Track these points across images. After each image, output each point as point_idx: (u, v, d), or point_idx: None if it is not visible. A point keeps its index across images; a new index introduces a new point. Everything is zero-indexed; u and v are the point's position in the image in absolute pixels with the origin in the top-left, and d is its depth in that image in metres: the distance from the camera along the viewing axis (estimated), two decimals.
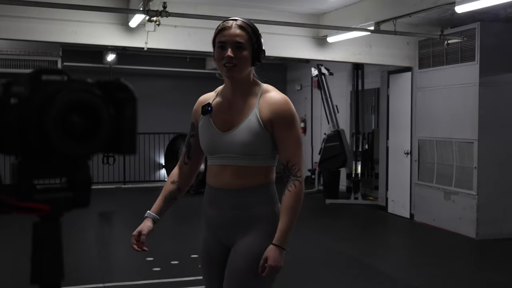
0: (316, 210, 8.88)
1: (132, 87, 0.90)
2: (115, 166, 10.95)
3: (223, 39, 2.15)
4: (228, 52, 2.13)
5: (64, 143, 0.82)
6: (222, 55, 2.15)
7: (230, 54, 2.12)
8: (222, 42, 2.15)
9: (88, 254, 5.86)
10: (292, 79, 12.91)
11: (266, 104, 2.21)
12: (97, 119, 0.84)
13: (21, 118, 0.80)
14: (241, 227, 2.20)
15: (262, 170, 2.21)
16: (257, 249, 2.15)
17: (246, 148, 2.16)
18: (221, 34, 2.16)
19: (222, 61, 2.15)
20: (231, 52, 2.13)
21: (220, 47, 2.15)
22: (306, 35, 7.52)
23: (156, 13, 5.59)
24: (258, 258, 2.12)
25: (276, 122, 2.18)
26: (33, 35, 6.39)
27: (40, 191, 0.86)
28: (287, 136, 2.19)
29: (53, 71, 0.85)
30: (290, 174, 2.19)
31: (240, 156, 2.17)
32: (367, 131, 9.77)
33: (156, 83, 11.63)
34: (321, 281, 5.06)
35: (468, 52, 6.82)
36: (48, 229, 0.87)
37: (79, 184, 0.89)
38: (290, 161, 2.19)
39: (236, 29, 2.15)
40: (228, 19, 2.22)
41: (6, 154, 0.83)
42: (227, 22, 2.18)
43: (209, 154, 2.26)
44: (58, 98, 0.81)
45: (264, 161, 2.20)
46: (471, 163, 6.81)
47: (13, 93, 0.80)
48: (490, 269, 5.61)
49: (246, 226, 2.20)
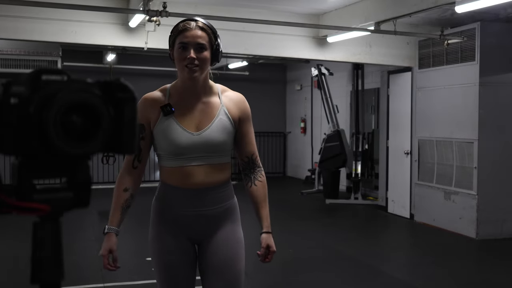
0: (316, 210, 8.89)
1: (132, 87, 0.90)
2: (115, 166, 10.96)
3: (185, 40, 2.18)
4: (191, 53, 2.17)
5: (64, 143, 0.82)
6: (184, 56, 2.18)
7: (193, 55, 2.17)
8: (184, 43, 2.18)
9: (88, 254, 5.85)
10: (292, 79, 12.92)
11: (231, 102, 2.29)
12: (97, 119, 0.84)
13: (21, 118, 0.80)
14: (217, 220, 2.28)
15: (228, 165, 2.32)
16: (239, 236, 2.33)
17: (220, 147, 2.24)
18: (183, 35, 2.19)
19: (183, 61, 2.18)
20: (193, 53, 2.17)
21: (182, 48, 2.19)
22: (306, 35, 7.52)
23: (156, 13, 5.59)
24: (242, 244, 2.32)
25: (242, 118, 2.30)
26: (33, 35, 6.39)
27: (40, 191, 0.86)
28: (250, 131, 2.34)
29: (53, 71, 0.85)
30: (255, 166, 2.36)
31: (212, 155, 2.23)
32: (367, 131, 9.78)
33: (156, 83, 11.52)
34: (321, 281, 5.06)
35: (468, 52, 6.82)
36: (48, 229, 0.87)
37: (79, 184, 0.89)
38: (254, 154, 2.36)
39: (198, 30, 2.19)
40: (188, 19, 2.24)
41: (6, 154, 0.83)
42: (188, 23, 2.21)
43: (174, 155, 2.23)
44: (58, 98, 0.81)
45: (228, 157, 2.32)
46: (471, 163, 6.81)
47: (13, 93, 0.80)
48: (490, 269, 5.61)
49: (222, 218, 2.29)
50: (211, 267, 2.28)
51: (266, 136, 12.63)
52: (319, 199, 9.53)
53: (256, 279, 5.13)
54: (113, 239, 2.25)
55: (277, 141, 12.92)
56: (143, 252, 5.99)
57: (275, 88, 12.86)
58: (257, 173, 2.35)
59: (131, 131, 0.89)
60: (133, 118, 0.88)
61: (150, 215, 2.37)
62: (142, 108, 2.25)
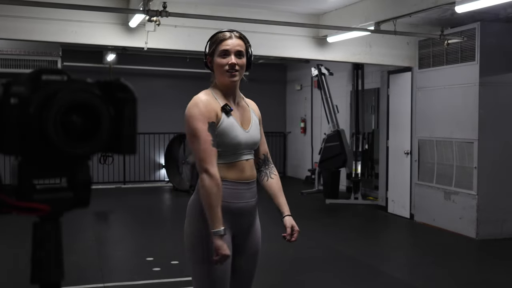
0: (316, 210, 8.89)
1: (132, 87, 0.90)
2: (115, 166, 10.96)
3: (227, 47, 2.41)
4: (232, 59, 2.40)
5: (64, 143, 0.82)
6: (225, 61, 2.40)
7: (234, 61, 2.40)
8: (226, 50, 2.41)
9: (88, 254, 5.86)
10: (292, 79, 12.92)
11: (252, 106, 2.64)
12: (97, 119, 0.84)
13: (21, 118, 0.80)
14: (254, 213, 2.57)
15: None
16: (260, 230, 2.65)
17: (257, 144, 2.57)
18: (224, 44, 2.41)
19: (225, 67, 2.40)
20: (234, 59, 2.40)
21: (224, 54, 2.41)
22: (306, 35, 7.52)
23: (156, 13, 5.59)
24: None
25: (260, 121, 2.64)
26: (33, 35, 6.39)
27: (40, 191, 0.86)
28: (263, 133, 2.68)
29: (53, 71, 0.85)
30: (269, 162, 2.69)
31: (252, 151, 2.54)
32: (367, 131, 9.77)
33: (156, 83, 11.63)
34: (321, 281, 5.06)
35: (468, 52, 6.82)
36: (48, 229, 0.87)
37: (79, 184, 0.89)
38: (268, 152, 2.71)
39: (237, 39, 2.44)
40: (225, 30, 2.47)
41: (6, 154, 0.83)
42: (227, 33, 2.44)
43: (233, 150, 2.44)
44: (58, 98, 0.81)
45: None
46: (471, 163, 6.81)
47: (13, 93, 0.80)
48: (490, 269, 5.61)
49: (256, 211, 2.60)
50: (251, 254, 2.57)
51: (266, 136, 12.50)
52: (319, 199, 9.53)
53: (257, 279, 5.13)
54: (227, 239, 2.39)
55: (277, 141, 12.92)
56: (143, 252, 6.00)
57: (275, 88, 12.86)
58: (271, 168, 2.68)
59: (131, 131, 0.89)
60: (133, 118, 0.89)
61: (193, 211, 2.44)
62: (208, 108, 2.39)
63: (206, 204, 2.31)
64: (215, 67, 2.44)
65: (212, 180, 2.29)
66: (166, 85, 11.82)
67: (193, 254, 2.43)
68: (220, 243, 2.28)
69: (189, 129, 2.36)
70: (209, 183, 2.29)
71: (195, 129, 2.33)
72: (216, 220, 2.29)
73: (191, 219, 2.46)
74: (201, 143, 2.32)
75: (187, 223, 2.48)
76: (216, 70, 2.44)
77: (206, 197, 2.30)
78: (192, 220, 2.46)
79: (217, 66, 2.43)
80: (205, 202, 2.31)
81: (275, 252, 5.50)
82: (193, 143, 2.35)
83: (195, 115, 2.35)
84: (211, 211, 2.29)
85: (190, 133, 2.37)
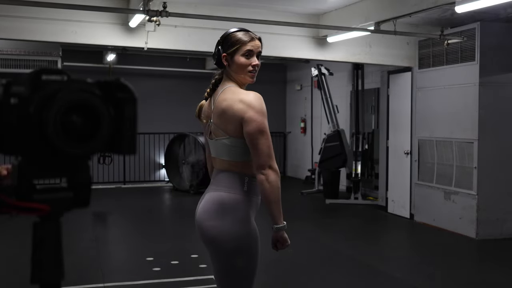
0: (316, 210, 8.89)
1: (132, 87, 0.90)
2: (115, 166, 10.97)
3: (251, 48, 2.48)
4: (256, 60, 2.49)
5: (64, 143, 0.82)
6: (249, 62, 2.48)
7: (257, 62, 2.50)
8: (250, 51, 2.48)
9: (88, 254, 5.86)
10: (292, 79, 12.91)
11: None
12: (97, 119, 0.84)
13: (21, 118, 0.80)
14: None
15: None
16: None
17: None
18: (250, 44, 2.48)
19: (248, 67, 2.48)
20: (257, 60, 2.50)
21: (247, 55, 2.47)
22: (306, 35, 7.52)
23: (156, 13, 5.59)
24: None
25: None
26: (33, 35, 6.39)
27: (40, 191, 0.86)
28: None
29: (53, 71, 0.85)
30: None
31: None
32: (367, 131, 9.77)
33: (156, 83, 11.63)
34: (321, 281, 5.06)
35: (468, 52, 6.82)
36: (48, 229, 0.87)
37: (79, 184, 0.89)
38: None
39: (258, 41, 2.53)
40: (243, 30, 2.53)
41: (6, 154, 0.83)
42: (249, 33, 2.52)
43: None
44: (58, 98, 0.81)
45: None
46: (471, 163, 6.81)
47: (13, 93, 0.80)
48: (490, 269, 5.61)
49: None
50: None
51: None
52: (319, 199, 9.52)
53: (256, 279, 5.13)
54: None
55: (277, 141, 12.92)
56: (143, 252, 5.99)
57: (275, 88, 12.85)
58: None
59: (131, 131, 0.89)
60: (133, 118, 0.89)
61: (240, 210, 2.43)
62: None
63: (273, 198, 2.38)
64: (237, 66, 2.47)
65: (277, 175, 2.40)
66: (166, 85, 11.82)
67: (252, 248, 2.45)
68: (286, 235, 2.47)
69: (258, 124, 2.36)
70: (276, 178, 2.38)
71: (265, 125, 2.38)
72: (281, 214, 2.43)
73: (241, 218, 2.42)
74: (269, 139, 2.39)
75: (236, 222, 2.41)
76: (237, 69, 2.47)
77: (273, 192, 2.38)
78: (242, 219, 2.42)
79: (239, 65, 2.46)
80: (272, 197, 2.38)
81: (275, 252, 5.49)
82: (259, 139, 2.36)
83: (265, 111, 2.40)
84: (278, 206, 2.40)
85: (258, 128, 2.36)
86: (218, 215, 2.41)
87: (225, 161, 2.47)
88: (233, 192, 2.42)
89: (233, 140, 2.42)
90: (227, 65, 2.48)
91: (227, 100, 2.42)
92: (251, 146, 2.38)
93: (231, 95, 2.43)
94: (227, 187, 2.43)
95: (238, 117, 2.37)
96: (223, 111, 2.42)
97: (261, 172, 2.37)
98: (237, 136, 2.41)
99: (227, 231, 2.39)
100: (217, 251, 2.44)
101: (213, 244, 2.44)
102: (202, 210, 2.47)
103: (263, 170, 2.36)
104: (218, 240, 2.40)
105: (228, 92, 2.45)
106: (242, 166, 2.45)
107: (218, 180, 2.48)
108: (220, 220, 2.40)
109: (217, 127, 2.47)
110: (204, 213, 2.45)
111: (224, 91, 2.47)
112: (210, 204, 2.44)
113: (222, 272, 2.48)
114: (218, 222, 2.40)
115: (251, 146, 2.38)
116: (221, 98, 2.45)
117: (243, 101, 2.39)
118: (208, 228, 2.42)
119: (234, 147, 2.43)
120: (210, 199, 2.46)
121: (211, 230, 2.41)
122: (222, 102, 2.44)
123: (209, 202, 2.45)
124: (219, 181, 2.48)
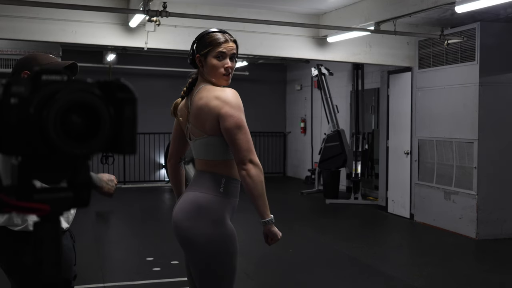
0: (316, 210, 8.89)
1: (132, 87, 0.90)
2: (115, 166, 10.96)
3: (224, 50, 2.46)
4: (228, 62, 2.46)
5: (64, 143, 0.82)
6: (221, 64, 2.45)
7: (230, 64, 2.47)
8: (222, 52, 2.46)
9: (88, 254, 5.85)
10: (292, 79, 12.91)
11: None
12: (97, 119, 0.84)
13: (21, 118, 0.80)
14: None
15: None
16: None
17: None
18: (223, 46, 2.46)
19: (220, 69, 2.45)
20: (230, 62, 2.47)
21: (220, 57, 2.45)
22: (306, 35, 7.52)
23: (156, 13, 5.59)
24: None
25: None
26: (33, 35, 6.39)
27: (40, 191, 0.86)
28: None
29: (53, 71, 0.85)
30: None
31: None
32: (367, 131, 9.77)
33: (156, 83, 11.62)
34: (321, 281, 5.06)
35: (468, 52, 6.82)
36: (48, 229, 0.87)
37: (79, 184, 0.89)
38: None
39: (232, 42, 2.50)
40: (217, 31, 2.51)
41: (6, 154, 0.83)
42: (225, 35, 2.50)
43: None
44: (57, 98, 0.81)
45: None
46: (471, 163, 6.81)
47: (13, 93, 0.80)
48: (490, 269, 5.61)
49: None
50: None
51: (266, 136, 12.63)
52: (319, 199, 9.53)
53: (256, 279, 5.13)
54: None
55: (277, 141, 12.92)
56: (143, 252, 6.00)
57: (275, 88, 12.85)
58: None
59: (131, 131, 0.89)
60: (133, 118, 0.88)
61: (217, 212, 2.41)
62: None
63: (256, 193, 2.35)
64: (209, 68, 2.46)
65: (259, 169, 2.37)
66: (166, 85, 11.81)
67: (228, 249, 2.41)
68: (276, 228, 2.44)
69: (235, 119, 2.35)
70: (258, 173, 2.36)
71: (242, 120, 2.37)
72: (267, 207, 2.40)
73: (215, 219, 2.40)
74: (247, 134, 2.37)
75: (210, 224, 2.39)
76: (210, 71, 2.46)
77: (256, 187, 2.35)
78: (216, 220, 2.40)
79: (211, 67, 2.46)
80: (255, 191, 2.35)
81: (274, 252, 5.50)
82: (237, 134, 2.34)
83: (241, 106, 2.39)
84: (263, 200, 2.38)
85: (235, 124, 2.35)
86: (193, 216, 2.41)
87: (203, 162, 2.48)
88: (208, 193, 2.42)
89: (211, 139, 2.42)
90: (201, 66, 2.49)
91: (202, 98, 2.43)
92: (230, 142, 2.37)
93: (206, 93, 2.43)
94: (203, 188, 2.43)
95: (214, 113, 2.37)
96: (200, 109, 2.42)
97: (242, 167, 2.36)
98: (214, 134, 2.40)
99: (201, 232, 2.39)
100: (192, 251, 2.44)
101: (187, 245, 2.43)
102: (179, 210, 2.47)
103: (243, 166, 2.35)
104: (193, 241, 2.40)
105: (204, 90, 2.45)
106: (221, 166, 2.44)
107: (196, 181, 2.49)
108: (195, 221, 2.40)
109: (194, 127, 2.46)
110: (181, 213, 2.45)
111: (200, 90, 2.47)
112: (186, 204, 2.45)
113: (198, 273, 2.46)
114: (192, 222, 2.40)
115: (230, 142, 2.37)
116: (197, 97, 2.45)
117: (218, 98, 2.38)
118: (183, 228, 2.42)
119: (212, 146, 2.43)
120: (187, 199, 2.46)
121: (185, 230, 2.42)
122: (198, 101, 2.44)
123: (186, 202, 2.46)
124: (197, 181, 2.48)
